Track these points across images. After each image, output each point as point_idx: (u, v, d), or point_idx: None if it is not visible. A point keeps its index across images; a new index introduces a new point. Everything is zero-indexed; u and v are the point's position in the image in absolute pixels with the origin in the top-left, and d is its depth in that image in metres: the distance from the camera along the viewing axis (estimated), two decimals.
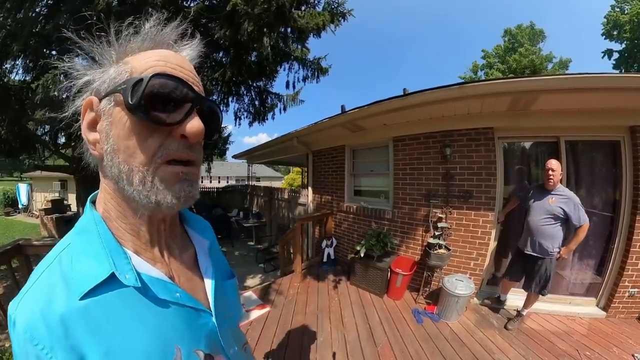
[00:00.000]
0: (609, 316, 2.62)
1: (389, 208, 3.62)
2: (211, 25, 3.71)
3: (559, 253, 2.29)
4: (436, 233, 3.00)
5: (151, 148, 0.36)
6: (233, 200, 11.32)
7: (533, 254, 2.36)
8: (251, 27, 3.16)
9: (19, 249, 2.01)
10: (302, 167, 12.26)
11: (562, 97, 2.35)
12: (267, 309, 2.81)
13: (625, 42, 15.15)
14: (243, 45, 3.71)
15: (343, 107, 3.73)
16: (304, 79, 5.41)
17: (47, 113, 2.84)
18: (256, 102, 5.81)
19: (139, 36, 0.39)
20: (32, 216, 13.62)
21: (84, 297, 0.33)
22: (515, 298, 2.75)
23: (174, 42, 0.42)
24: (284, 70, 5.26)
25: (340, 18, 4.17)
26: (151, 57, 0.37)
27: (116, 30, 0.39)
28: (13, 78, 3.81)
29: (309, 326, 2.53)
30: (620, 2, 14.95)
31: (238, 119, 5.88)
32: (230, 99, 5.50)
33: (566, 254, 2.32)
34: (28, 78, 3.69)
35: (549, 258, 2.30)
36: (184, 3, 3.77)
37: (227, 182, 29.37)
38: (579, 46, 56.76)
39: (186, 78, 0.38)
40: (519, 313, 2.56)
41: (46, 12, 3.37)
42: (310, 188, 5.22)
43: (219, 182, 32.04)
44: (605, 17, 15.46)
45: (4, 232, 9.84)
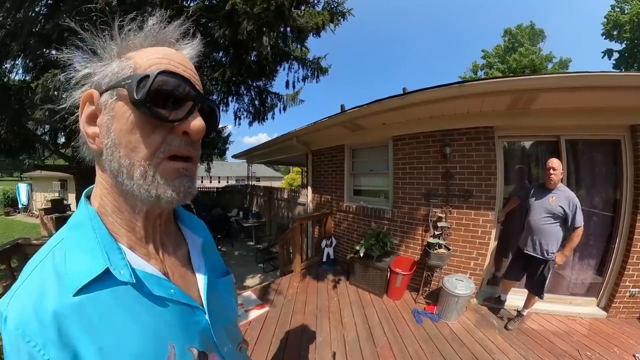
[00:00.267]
0: (610, 316, 2.61)
1: (389, 207, 3.61)
2: (211, 24, 3.71)
3: (555, 259, 2.28)
4: (436, 232, 2.99)
5: (154, 143, 0.36)
6: (233, 200, 11.33)
7: (533, 255, 2.35)
8: (250, 27, 3.16)
9: (18, 248, 2.01)
10: (302, 167, 12.25)
11: (562, 96, 2.34)
12: (266, 309, 2.81)
13: (625, 42, 15.17)
14: (243, 44, 3.72)
15: (343, 106, 3.73)
16: (304, 79, 5.42)
17: (47, 112, 2.85)
18: (256, 102, 5.82)
19: (142, 32, 0.39)
20: (32, 216, 13.65)
21: (78, 293, 0.33)
22: (515, 298, 2.74)
23: (176, 41, 0.42)
24: (284, 69, 5.28)
25: (339, 17, 4.18)
26: (154, 54, 0.38)
27: (118, 25, 0.39)
28: (13, 78, 3.82)
29: (308, 326, 2.53)
30: (620, 2, 14.97)
31: (238, 119, 5.90)
32: (230, 99, 5.52)
33: (561, 260, 2.30)
34: (28, 78, 3.69)
35: (548, 261, 2.29)
36: (184, 3, 3.77)
37: (227, 182, 29.29)
38: (579, 46, 56.81)
39: (189, 77, 0.38)
40: (519, 313, 2.55)
41: (46, 12, 3.37)
42: (309, 188, 5.21)
43: (219, 182, 31.98)
44: (605, 17, 15.49)
45: (4, 232, 9.86)
